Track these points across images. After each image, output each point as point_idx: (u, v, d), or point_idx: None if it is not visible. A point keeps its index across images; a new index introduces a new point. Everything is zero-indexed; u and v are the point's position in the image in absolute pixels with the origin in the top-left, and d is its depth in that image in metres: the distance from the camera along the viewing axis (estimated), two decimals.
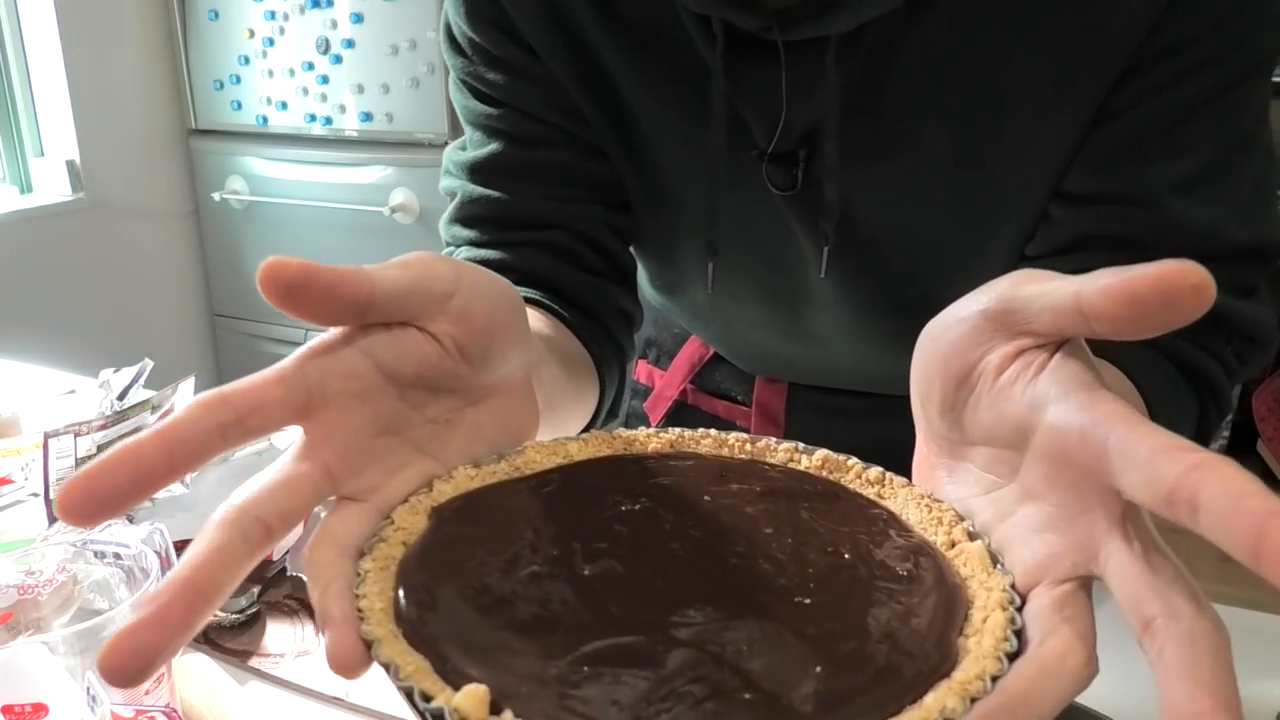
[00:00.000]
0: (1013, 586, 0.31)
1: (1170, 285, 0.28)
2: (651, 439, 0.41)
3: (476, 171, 0.68)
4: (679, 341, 0.90)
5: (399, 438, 0.37)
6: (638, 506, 0.36)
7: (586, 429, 0.63)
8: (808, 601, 0.31)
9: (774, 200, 0.64)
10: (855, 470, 0.39)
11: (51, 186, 2.57)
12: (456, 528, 0.35)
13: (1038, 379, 0.32)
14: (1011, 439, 0.32)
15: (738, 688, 0.27)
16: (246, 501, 0.31)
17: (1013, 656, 0.29)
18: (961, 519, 0.34)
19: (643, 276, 0.79)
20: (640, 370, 0.94)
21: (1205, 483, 0.25)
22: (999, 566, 0.32)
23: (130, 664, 0.27)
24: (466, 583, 0.32)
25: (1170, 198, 0.56)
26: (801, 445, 0.40)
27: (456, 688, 0.27)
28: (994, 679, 0.28)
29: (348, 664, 0.30)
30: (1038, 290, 0.32)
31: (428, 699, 0.27)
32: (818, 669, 0.28)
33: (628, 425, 0.91)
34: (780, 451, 0.40)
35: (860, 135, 0.60)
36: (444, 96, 2.38)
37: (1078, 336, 0.32)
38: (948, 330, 0.35)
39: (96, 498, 0.29)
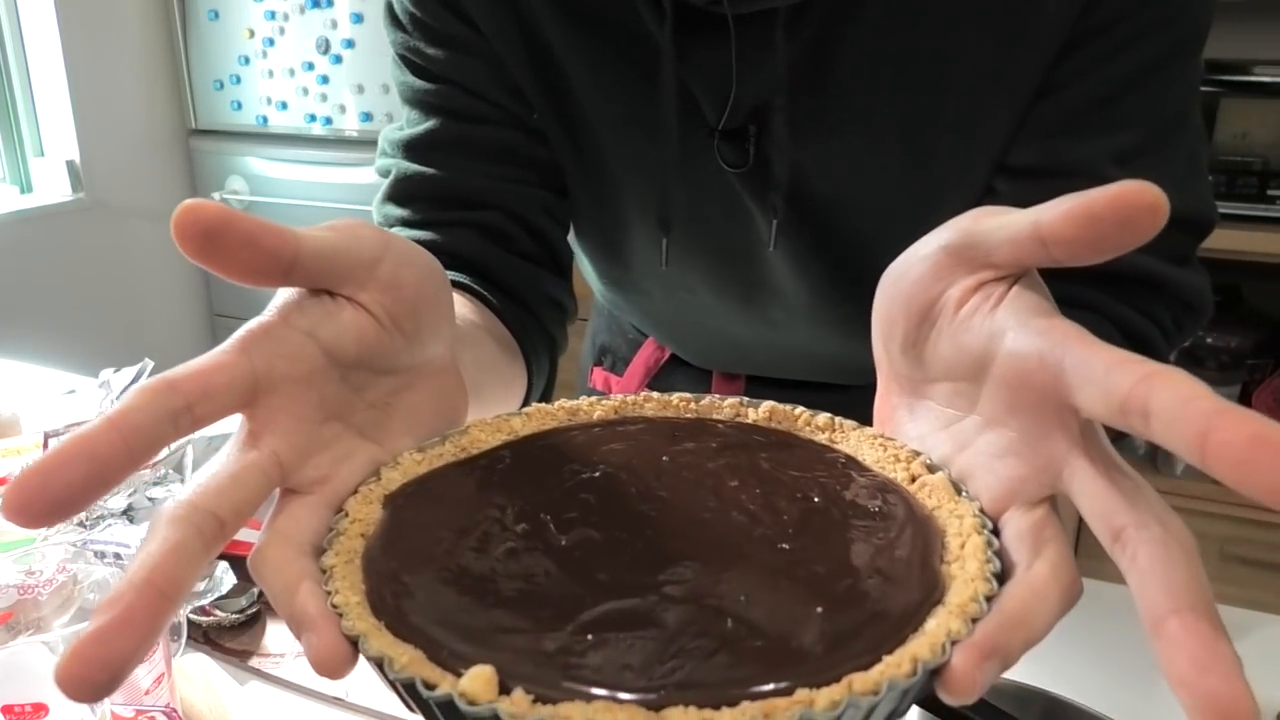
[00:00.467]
0: (982, 511, 0.32)
1: (1127, 204, 0.28)
2: (596, 407, 0.40)
3: (411, 149, 0.66)
4: (634, 347, 0.90)
5: (343, 424, 0.35)
6: (598, 474, 0.36)
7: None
8: (789, 547, 0.32)
9: (726, 178, 0.64)
10: (804, 418, 0.39)
11: (51, 186, 2.57)
12: (415, 514, 0.34)
13: (996, 310, 0.32)
14: (971, 370, 0.33)
15: (744, 636, 0.28)
16: (196, 496, 0.29)
17: (998, 578, 0.29)
18: (917, 454, 0.35)
19: (591, 274, 0.79)
20: (596, 377, 0.94)
21: (1155, 389, 0.25)
22: (964, 494, 0.32)
23: (98, 675, 0.25)
24: (441, 566, 0.31)
25: (1110, 169, 0.57)
26: (746, 400, 0.40)
27: (458, 674, 0.26)
28: (987, 599, 0.29)
29: (334, 664, 0.28)
30: (997, 223, 0.32)
31: (430, 688, 0.26)
32: (818, 610, 0.28)
33: None
34: (726, 407, 0.40)
35: (809, 109, 0.60)
36: None
37: (1036, 267, 0.32)
38: (910, 269, 0.35)
39: (51, 496, 0.26)
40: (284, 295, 0.34)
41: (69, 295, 2.59)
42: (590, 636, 0.28)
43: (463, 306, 0.59)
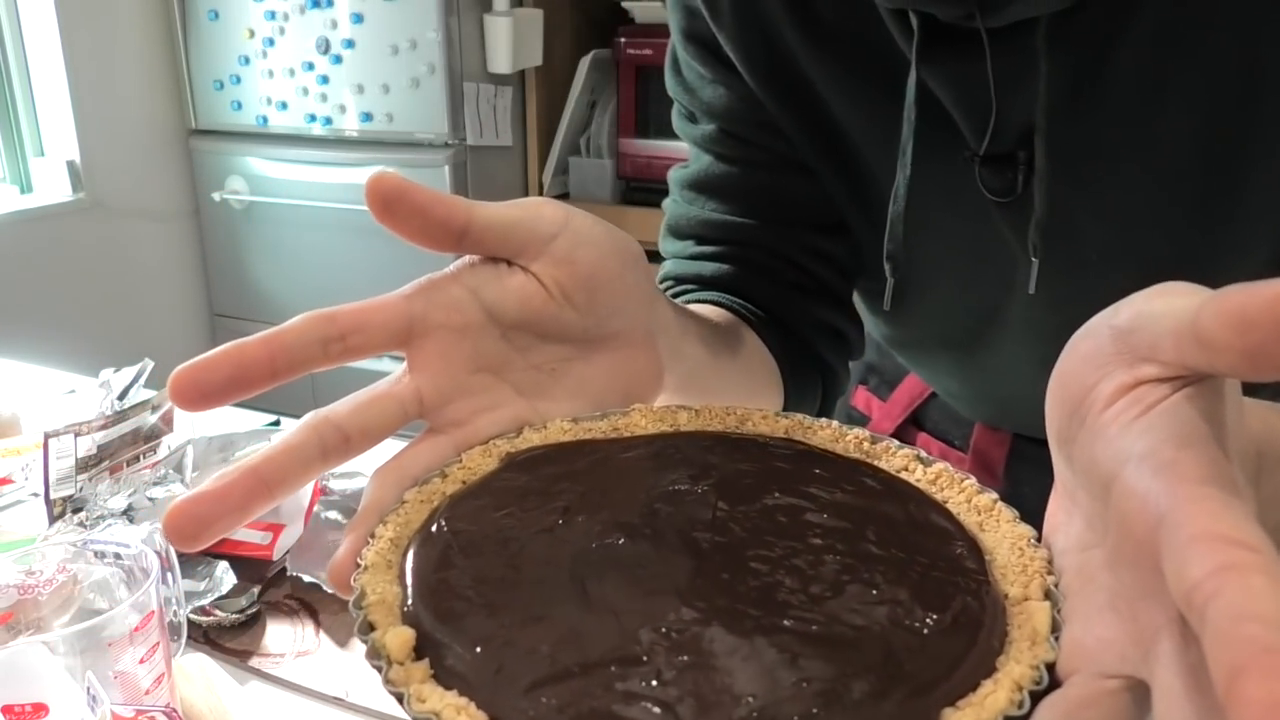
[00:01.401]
0: (1049, 666, 0.26)
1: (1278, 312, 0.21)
2: (767, 420, 0.39)
3: (682, 187, 0.69)
4: (902, 371, 0.83)
5: (497, 377, 0.37)
6: (698, 489, 0.34)
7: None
8: (789, 622, 0.28)
9: (985, 210, 0.58)
10: (968, 491, 0.34)
11: (51, 186, 2.57)
12: (517, 476, 0.35)
13: (1138, 422, 0.25)
14: (1100, 491, 0.26)
15: (670, 689, 0.25)
16: (331, 411, 0.34)
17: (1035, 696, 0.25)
18: (1050, 572, 0.29)
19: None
20: (858, 397, 0.89)
21: (1222, 590, 0.20)
22: (1052, 639, 0.27)
23: (187, 527, 0.30)
24: (480, 530, 0.32)
25: None
26: (924, 454, 0.36)
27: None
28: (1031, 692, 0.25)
29: (337, 581, 0.32)
30: (1165, 306, 0.25)
31: (372, 629, 0.28)
32: (752, 696, 0.25)
33: None
34: (898, 456, 0.36)
35: (1080, 132, 0.53)
36: (444, 96, 2.38)
37: (1206, 373, 0.25)
38: (1076, 346, 0.29)
39: (201, 387, 0.31)
40: (463, 259, 0.38)
41: (69, 295, 2.58)
42: (528, 631, 0.28)
43: (712, 313, 0.61)
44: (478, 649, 0.27)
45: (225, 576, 0.70)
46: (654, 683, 0.26)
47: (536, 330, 0.38)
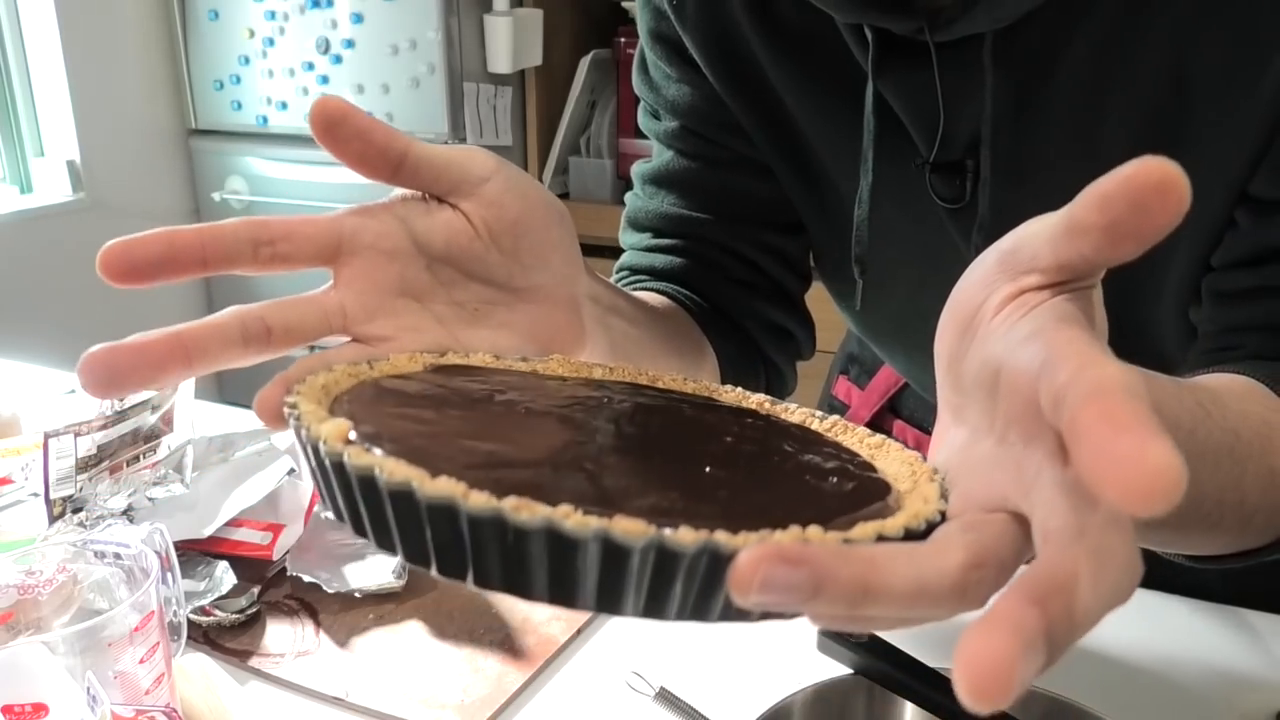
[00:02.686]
0: (942, 514, 0.28)
1: (1134, 181, 0.25)
2: (677, 382, 0.41)
3: (643, 181, 0.71)
4: (880, 361, 0.86)
5: (419, 304, 0.39)
6: (615, 402, 0.36)
7: None
8: (713, 470, 0.30)
9: (936, 215, 0.61)
10: (860, 435, 0.37)
11: (51, 186, 2.57)
12: (442, 376, 0.36)
13: (1023, 319, 0.28)
14: (989, 384, 0.29)
15: (598, 480, 0.27)
16: (255, 305, 0.35)
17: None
18: (937, 471, 0.32)
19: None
20: (840, 386, 0.92)
21: (1080, 377, 0.22)
22: (941, 500, 0.29)
23: (101, 372, 0.31)
24: (410, 391, 0.33)
25: None
26: (820, 413, 0.39)
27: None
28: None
29: (265, 409, 0.33)
30: (1040, 223, 0.29)
31: (305, 426, 0.28)
32: (675, 492, 0.27)
33: None
34: (797, 413, 0.39)
35: (1024, 142, 0.56)
36: (444, 96, 2.38)
37: (1080, 268, 0.28)
38: (966, 275, 0.32)
39: (132, 260, 0.34)
40: (397, 192, 0.39)
41: (69, 295, 2.58)
42: (462, 440, 0.29)
43: (655, 300, 0.63)
44: (414, 442, 0.28)
45: (225, 576, 0.70)
46: (587, 478, 0.27)
47: (461, 267, 0.40)
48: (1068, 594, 0.21)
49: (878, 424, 0.87)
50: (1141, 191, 0.25)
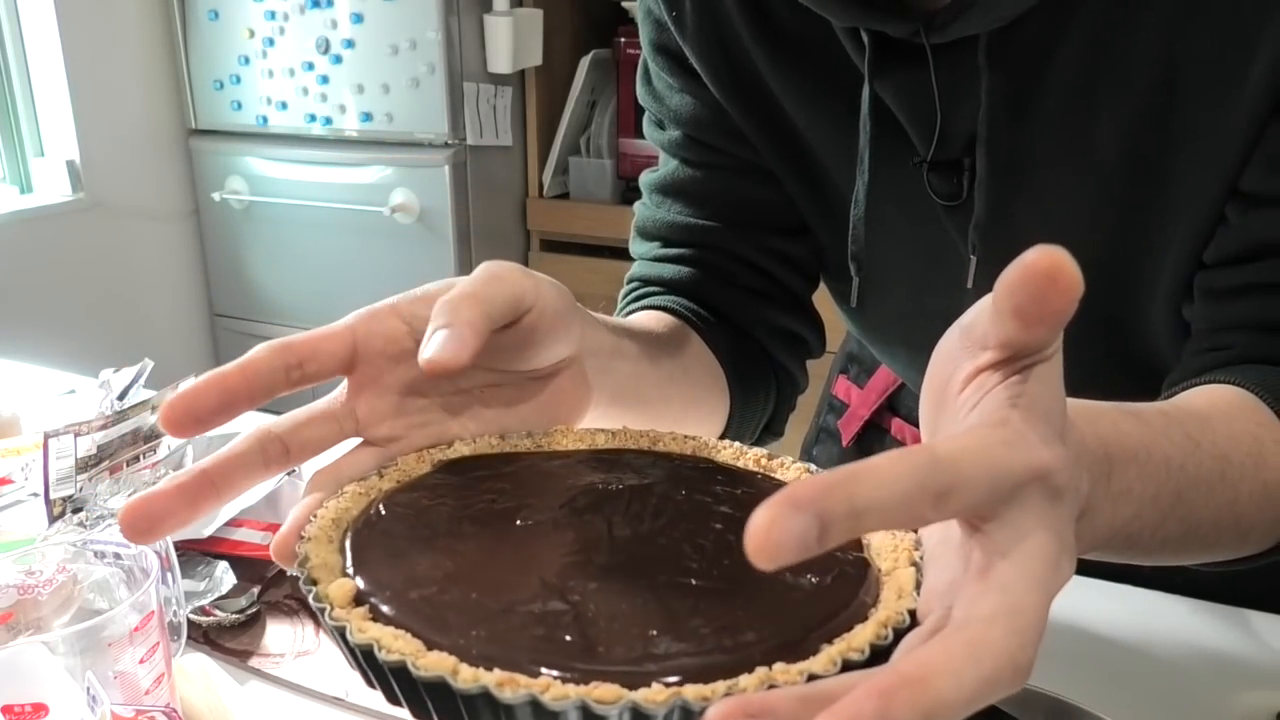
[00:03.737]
0: (911, 613, 0.30)
1: (1027, 272, 0.27)
2: (677, 440, 0.43)
3: (651, 190, 0.72)
4: (878, 360, 0.87)
5: (428, 400, 0.41)
6: (614, 486, 0.38)
7: (724, 438, 0.64)
8: (696, 583, 0.32)
9: (935, 214, 0.62)
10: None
11: (51, 186, 2.57)
12: (449, 476, 0.38)
13: (977, 406, 0.30)
14: None
15: (585, 626, 0.29)
16: (275, 424, 0.38)
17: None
18: (918, 548, 0.33)
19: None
20: (839, 386, 0.93)
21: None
22: (914, 593, 0.31)
23: (141, 522, 0.34)
24: (415, 513, 0.35)
25: None
26: (813, 467, 0.40)
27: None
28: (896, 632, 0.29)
29: (280, 554, 0.35)
30: (988, 299, 0.30)
31: (313, 583, 0.31)
32: (653, 631, 0.29)
33: (818, 441, 0.91)
34: (792, 469, 0.40)
35: (1019, 139, 0.57)
36: (444, 96, 2.38)
37: (1021, 347, 0.29)
38: (938, 348, 0.33)
39: (194, 413, 0.36)
40: (404, 294, 0.41)
41: (69, 295, 2.58)
42: (456, 590, 0.31)
43: (658, 323, 0.64)
44: (412, 596, 0.30)
45: (225, 576, 0.70)
46: (571, 622, 0.29)
47: None
48: (919, 686, 0.22)
49: (876, 422, 0.88)
50: (1034, 281, 0.27)
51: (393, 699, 0.29)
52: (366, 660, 0.29)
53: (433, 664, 0.27)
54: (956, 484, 0.25)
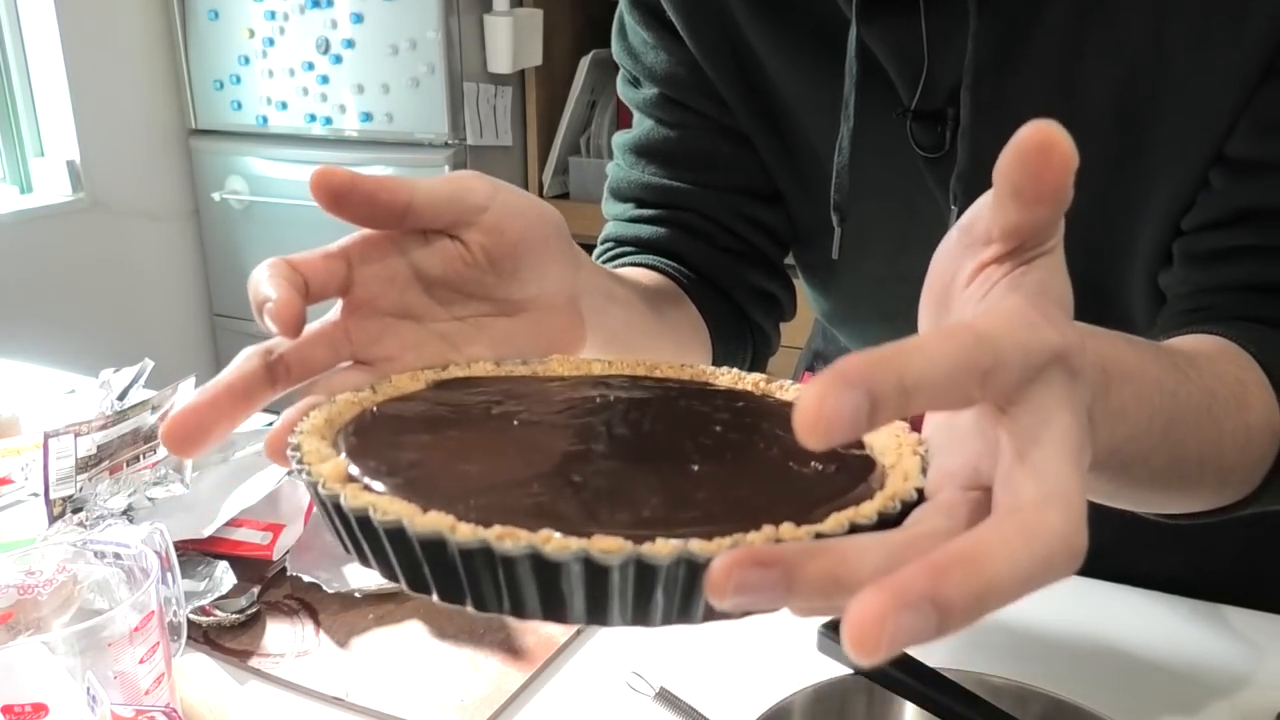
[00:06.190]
0: (919, 491, 0.29)
1: (1020, 149, 0.27)
2: (674, 368, 0.42)
3: (625, 151, 0.71)
4: (845, 353, 0.87)
5: (421, 325, 0.41)
6: (612, 398, 0.38)
7: None
8: (700, 468, 0.31)
9: (917, 164, 0.61)
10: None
11: (51, 186, 2.57)
12: (443, 393, 0.38)
13: (986, 297, 0.30)
14: None
15: (586, 495, 0.28)
16: (274, 344, 0.38)
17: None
18: (921, 444, 0.33)
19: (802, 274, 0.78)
20: (805, 383, 0.93)
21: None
22: (921, 476, 0.30)
23: (193, 432, 0.34)
24: (410, 415, 0.35)
25: None
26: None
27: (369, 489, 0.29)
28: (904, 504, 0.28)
29: (273, 449, 0.35)
30: (985, 196, 0.30)
31: (306, 467, 0.30)
32: (657, 499, 0.28)
33: None
34: (791, 390, 0.40)
35: (1005, 90, 0.56)
36: (444, 96, 2.38)
37: (1023, 235, 0.30)
38: (936, 253, 0.34)
39: (300, 311, 0.37)
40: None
41: (69, 295, 2.58)
42: (457, 464, 0.31)
43: (646, 277, 0.63)
44: (408, 474, 0.30)
45: (225, 576, 0.70)
46: (572, 494, 0.29)
47: (460, 290, 0.42)
48: (973, 564, 0.22)
49: None
50: (1028, 157, 0.27)
51: (389, 572, 0.28)
52: (362, 528, 0.28)
53: (430, 521, 0.26)
54: (999, 362, 0.25)
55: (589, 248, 0.74)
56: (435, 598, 0.28)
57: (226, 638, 0.68)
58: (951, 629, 0.22)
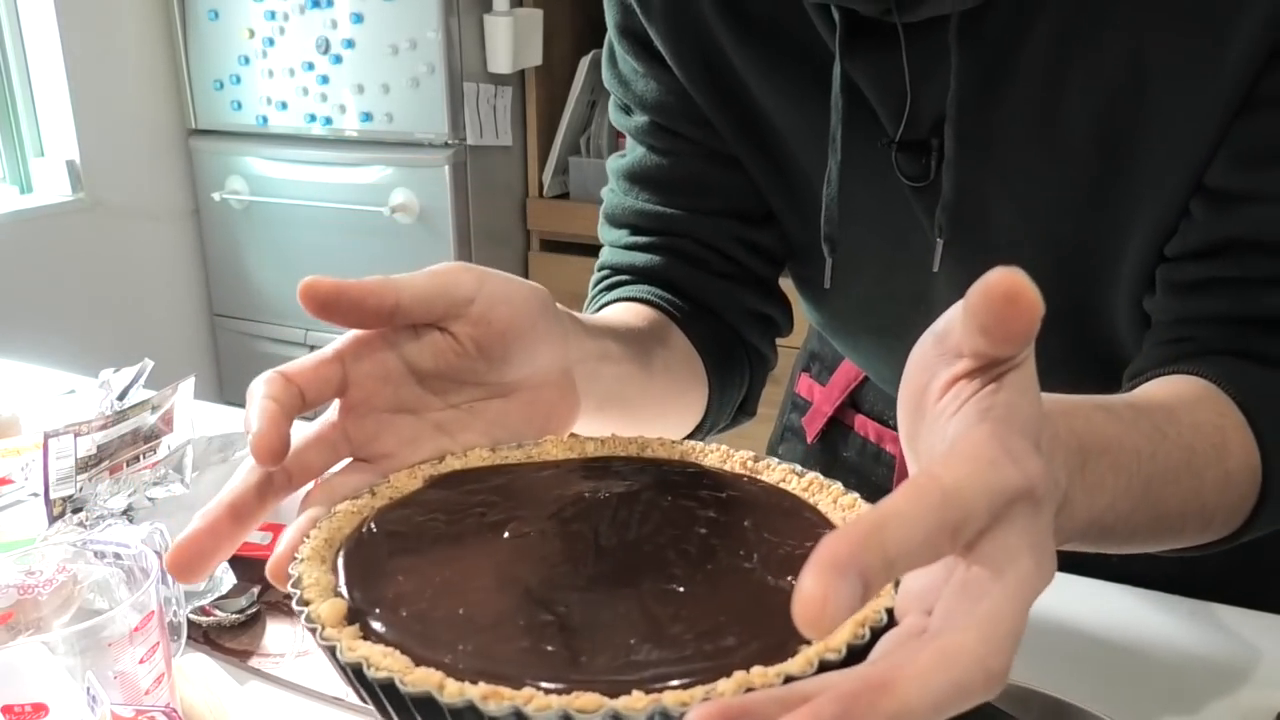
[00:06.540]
0: (889, 611, 0.31)
1: (989, 293, 0.28)
2: (665, 446, 0.43)
3: (619, 177, 0.72)
4: (840, 357, 0.88)
5: (417, 417, 0.42)
6: (601, 496, 0.39)
7: (703, 425, 0.66)
8: (679, 589, 0.33)
9: (903, 194, 0.62)
10: (834, 494, 0.39)
11: (51, 186, 2.57)
12: (439, 492, 0.39)
13: (955, 416, 0.30)
14: None
15: (570, 637, 0.30)
16: None
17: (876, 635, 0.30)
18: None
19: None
20: (802, 384, 0.93)
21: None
22: (893, 591, 0.31)
23: (193, 563, 0.36)
24: (406, 531, 0.37)
25: None
26: (799, 468, 0.41)
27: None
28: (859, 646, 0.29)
29: (275, 575, 0.36)
30: (960, 307, 0.30)
31: (306, 604, 0.32)
32: (634, 641, 0.30)
33: (783, 440, 0.92)
34: (778, 471, 0.41)
35: (988, 121, 0.57)
36: (444, 96, 2.38)
37: (993, 357, 0.30)
38: (912, 355, 0.34)
39: (285, 437, 0.37)
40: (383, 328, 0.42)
41: (69, 295, 2.58)
42: (448, 603, 0.32)
43: (639, 317, 0.64)
44: (402, 613, 0.31)
45: (225, 576, 0.70)
46: (556, 633, 0.30)
47: (453, 379, 0.42)
48: (883, 691, 0.23)
49: (840, 419, 0.88)
50: (995, 303, 0.28)
51: (384, 714, 0.30)
52: (357, 677, 0.30)
53: (419, 679, 0.28)
54: (967, 517, 0.26)
55: (589, 247, 0.74)
56: None
57: (226, 638, 0.68)
58: None
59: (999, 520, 0.27)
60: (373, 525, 0.37)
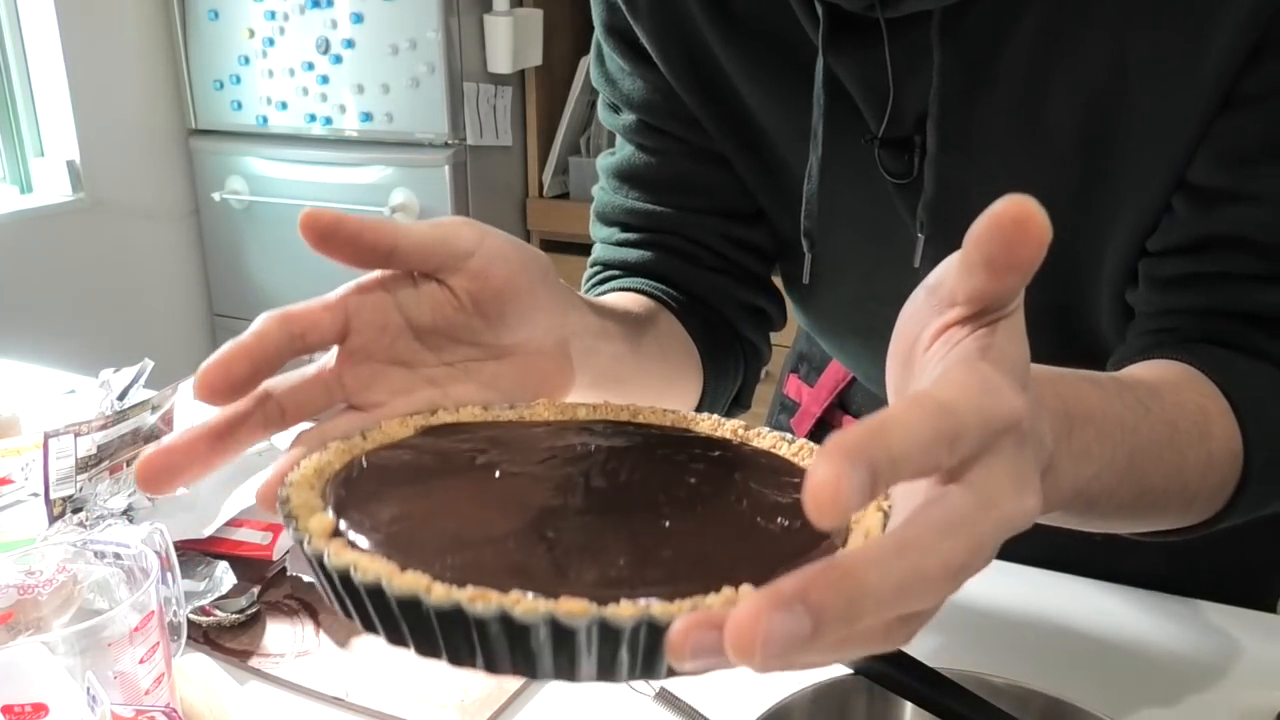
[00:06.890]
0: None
1: (997, 220, 0.28)
2: (656, 413, 0.43)
3: (608, 175, 0.72)
4: (828, 358, 0.88)
5: (411, 370, 0.42)
6: (592, 447, 0.39)
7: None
8: (669, 524, 0.32)
9: (885, 191, 0.62)
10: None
11: (51, 186, 2.57)
12: (430, 440, 0.39)
13: (945, 359, 0.31)
14: None
15: (558, 554, 0.30)
16: (271, 386, 0.39)
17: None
18: (886, 497, 0.34)
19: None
20: (790, 385, 0.94)
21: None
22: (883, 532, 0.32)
23: (161, 474, 0.35)
24: (396, 466, 0.36)
25: None
26: (789, 435, 0.41)
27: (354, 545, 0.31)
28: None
29: (263, 499, 0.36)
30: (953, 258, 0.31)
31: (293, 518, 0.31)
32: (623, 559, 0.29)
33: None
34: (768, 438, 0.41)
35: (970, 119, 0.57)
36: (444, 96, 2.38)
37: (987, 300, 0.31)
38: (903, 311, 0.35)
39: (230, 380, 0.36)
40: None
41: (69, 295, 2.58)
42: (439, 522, 0.32)
43: (635, 303, 0.64)
44: (390, 530, 0.31)
45: (225, 576, 0.70)
46: (544, 551, 0.30)
47: (448, 335, 0.42)
48: (844, 572, 0.23)
49: (828, 420, 0.89)
50: (1005, 229, 0.28)
51: (369, 624, 0.30)
52: (343, 584, 0.29)
53: (407, 582, 0.27)
54: (962, 430, 0.26)
55: (589, 248, 0.74)
56: (412, 652, 0.29)
57: (226, 638, 0.68)
58: (827, 634, 0.23)
59: (987, 450, 0.27)
60: (363, 460, 0.37)
